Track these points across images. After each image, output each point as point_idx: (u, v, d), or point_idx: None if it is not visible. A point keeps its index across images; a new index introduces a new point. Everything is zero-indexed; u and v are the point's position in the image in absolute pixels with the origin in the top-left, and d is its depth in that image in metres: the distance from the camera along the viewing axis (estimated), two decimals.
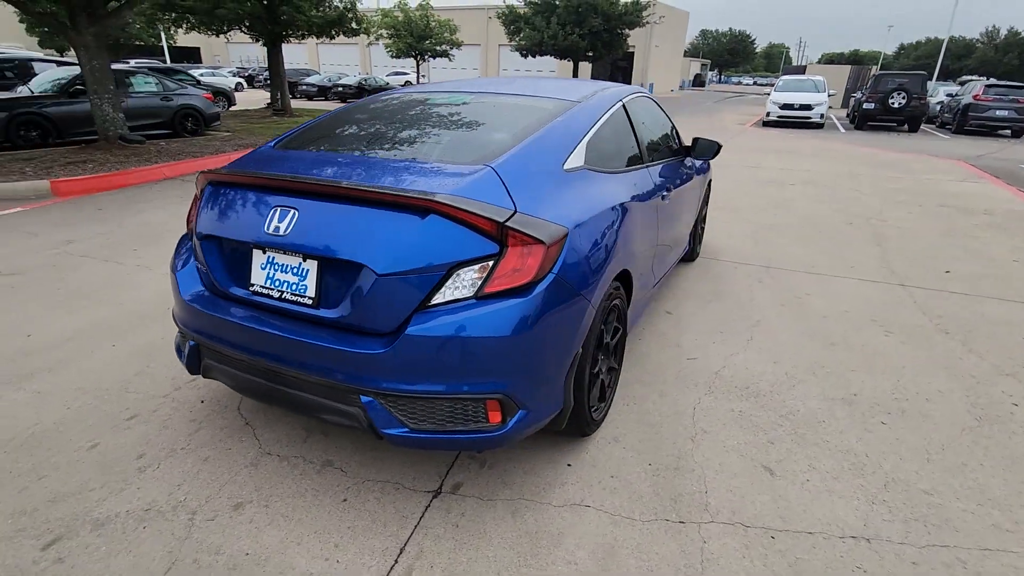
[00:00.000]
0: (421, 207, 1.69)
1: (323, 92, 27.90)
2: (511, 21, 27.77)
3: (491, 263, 1.70)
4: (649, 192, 2.74)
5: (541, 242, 1.73)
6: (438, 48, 26.83)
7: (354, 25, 15.65)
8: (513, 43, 28.30)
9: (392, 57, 28.21)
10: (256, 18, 14.17)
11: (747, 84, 79.91)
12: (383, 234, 1.70)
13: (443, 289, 1.68)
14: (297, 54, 50.11)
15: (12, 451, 2.20)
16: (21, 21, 23.54)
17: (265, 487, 2.04)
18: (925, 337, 3.36)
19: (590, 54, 27.90)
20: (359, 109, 2.71)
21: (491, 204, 1.73)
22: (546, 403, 1.89)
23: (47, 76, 10.19)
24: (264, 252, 1.89)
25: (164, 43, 34.79)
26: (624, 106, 2.81)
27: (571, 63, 29.17)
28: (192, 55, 50.40)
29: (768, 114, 17.87)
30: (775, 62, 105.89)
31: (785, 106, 17.54)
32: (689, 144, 3.78)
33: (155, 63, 23.97)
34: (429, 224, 1.68)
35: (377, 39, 26.32)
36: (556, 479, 2.11)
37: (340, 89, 27.21)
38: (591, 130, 2.36)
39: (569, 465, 2.19)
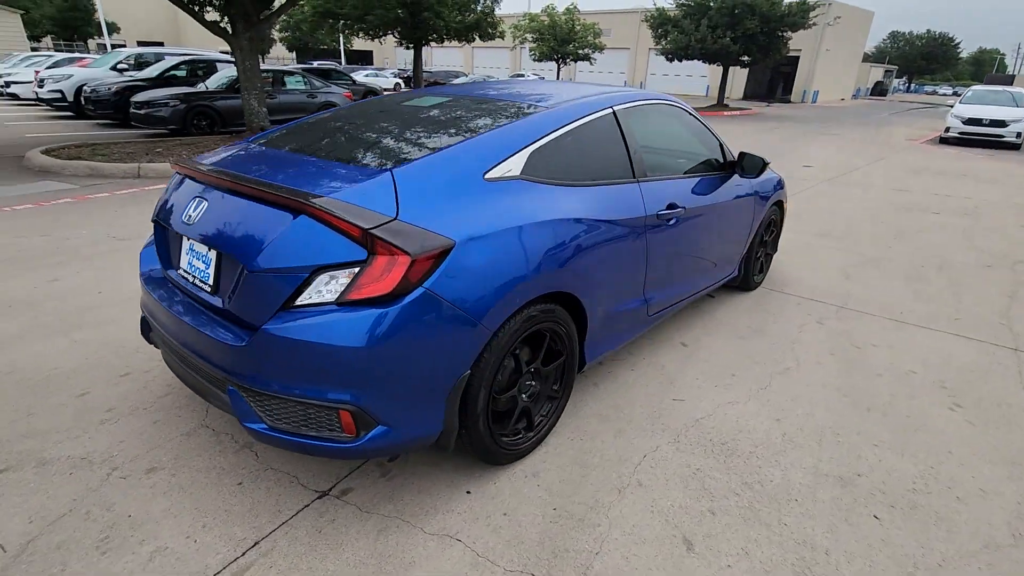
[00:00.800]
0: (294, 207, 1.69)
1: None
2: (659, 24, 26.81)
3: (357, 270, 1.65)
4: (634, 209, 2.47)
5: (407, 253, 1.64)
6: (580, 52, 26.83)
7: (490, 30, 16.20)
8: (659, 47, 27.34)
9: (535, 60, 28.79)
10: (402, 23, 15.27)
11: (943, 94, 68.91)
12: (258, 230, 1.73)
13: (307, 291, 1.67)
14: (453, 57, 53.34)
15: (26, 387, 2.60)
16: None
17: (184, 457, 2.18)
18: (1007, 419, 2.63)
19: (744, 58, 25.99)
20: (345, 110, 2.79)
21: (367, 209, 1.67)
22: (417, 423, 1.79)
23: (222, 74, 11.90)
24: (187, 239, 2.02)
25: (341, 47, 39.00)
26: (615, 114, 2.56)
27: (721, 68, 27.44)
28: (365, 58, 55.98)
29: (947, 129, 15.26)
30: (986, 70, 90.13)
31: (970, 121, 14.84)
32: (735, 159, 3.36)
33: (332, 65, 27.06)
34: (299, 224, 1.68)
35: (521, 43, 27.02)
36: (445, 505, 1.99)
37: None
38: (545, 138, 2.18)
39: (468, 492, 2.05)
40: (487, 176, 1.96)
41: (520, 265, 1.91)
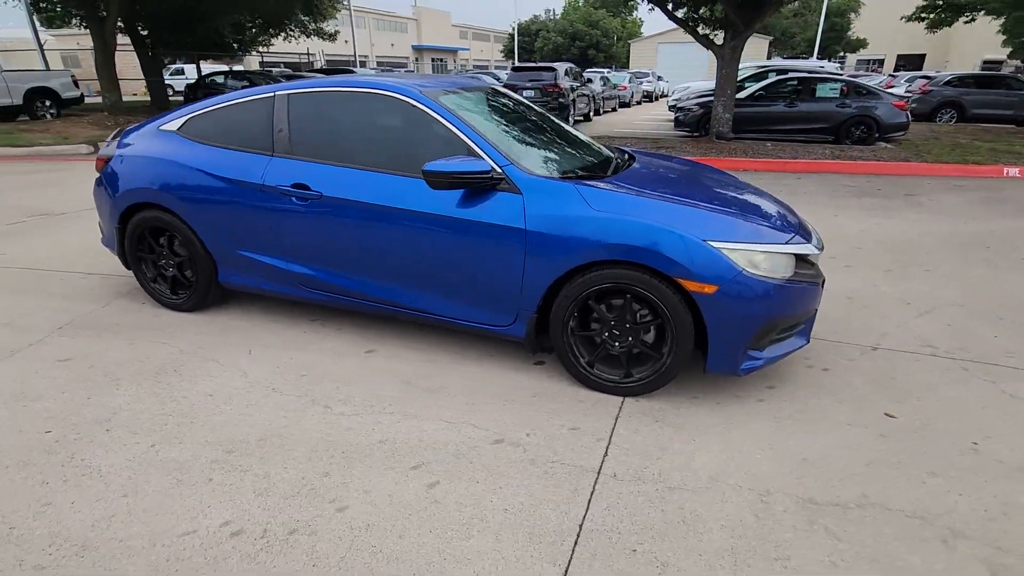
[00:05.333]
0: None
1: None
2: None
3: None
4: (248, 175, 2.96)
5: (96, 154, 3.41)
6: None
7: None
8: None
9: None
10: None
11: None
12: None
13: None
14: None
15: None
16: None
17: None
18: None
19: None
20: None
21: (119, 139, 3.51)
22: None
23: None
24: None
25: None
26: (275, 99, 2.96)
27: None
28: None
29: None
30: None
31: None
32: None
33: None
34: None
35: None
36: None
37: None
38: (202, 110, 3.17)
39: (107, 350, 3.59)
40: (161, 128, 3.31)
41: (136, 176, 3.26)
